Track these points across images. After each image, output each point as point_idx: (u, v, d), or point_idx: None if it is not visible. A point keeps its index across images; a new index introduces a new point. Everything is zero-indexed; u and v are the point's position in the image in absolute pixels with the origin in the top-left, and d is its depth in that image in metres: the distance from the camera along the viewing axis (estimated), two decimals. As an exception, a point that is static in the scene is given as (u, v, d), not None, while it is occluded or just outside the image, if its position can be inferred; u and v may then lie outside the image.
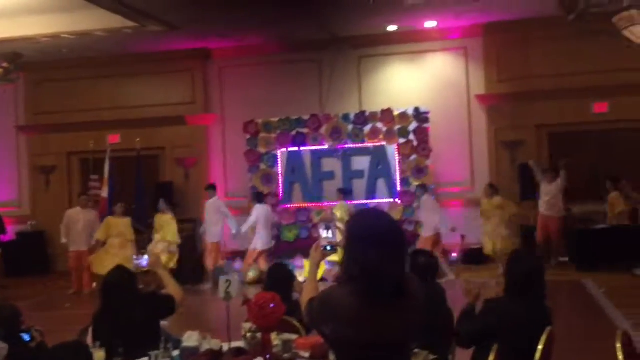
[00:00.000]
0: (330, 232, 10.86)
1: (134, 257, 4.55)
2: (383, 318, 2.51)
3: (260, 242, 11.88)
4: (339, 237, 10.49)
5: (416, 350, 3.71)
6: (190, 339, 4.05)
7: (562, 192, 11.85)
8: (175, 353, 3.91)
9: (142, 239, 12.04)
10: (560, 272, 11.37)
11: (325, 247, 3.25)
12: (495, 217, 11.43)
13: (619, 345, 3.65)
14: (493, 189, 11.66)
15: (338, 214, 11.73)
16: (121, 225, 11.69)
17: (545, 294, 4.09)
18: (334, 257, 10.09)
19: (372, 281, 2.49)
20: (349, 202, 12.09)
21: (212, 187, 12.47)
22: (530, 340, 3.79)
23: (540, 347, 3.76)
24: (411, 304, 2.59)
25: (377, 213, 2.74)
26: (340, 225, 11.41)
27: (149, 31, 11.83)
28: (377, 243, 2.51)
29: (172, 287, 4.67)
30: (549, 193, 11.84)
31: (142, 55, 13.86)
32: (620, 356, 3.61)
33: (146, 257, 4.14)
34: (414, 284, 2.65)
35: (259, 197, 12.20)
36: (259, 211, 11.98)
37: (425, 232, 11.45)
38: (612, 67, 12.21)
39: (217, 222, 12.10)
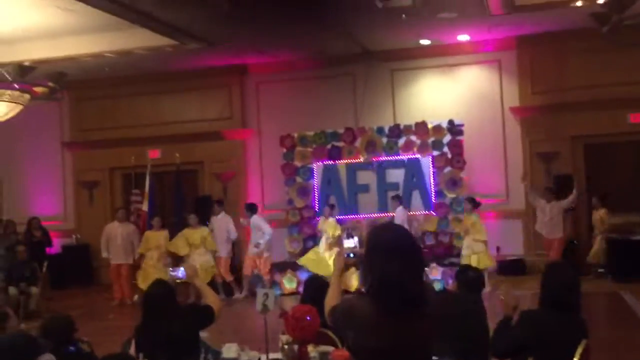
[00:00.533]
0: (352, 240, 10.93)
1: (170, 268, 4.69)
2: (402, 328, 2.64)
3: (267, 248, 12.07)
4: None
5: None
6: (229, 350, 4.18)
7: (564, 212, 11.64)
8: (215, 364, 4.05)
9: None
10: (598, 283, 11.32)
11: (348, 255, 3.40)
12: (471, 233, 11.38)
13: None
14: (473, 204, 11.61)
15: (330, 231, 11.92)
16: (159, 238, 12.04)
17: (580, 306, 4.09)
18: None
19: (390, 292, 2.61)
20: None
21: (219, 203, 12.74)
22: (566, 353, 3.80)
23: (575, 359, 3.79)
24: (429, 313, 2.71)
25: (394, 226, 2.94)
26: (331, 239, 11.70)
27: (188, 49, 12.15)
28: (395, 255, 2.64)
29: (210, 297, 4.75)
30: (549, 213, 11.62)
31: (181, 72, 14.19)
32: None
33: (182, 268, 4.25)
34: (431, 295, 2.79)
35: (254, 209, 12.27)
36: (263, 221, 12.19)
37: None
38: (648, 77, 12.15)
39: (228, 239, 12.29)
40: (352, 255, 3.36)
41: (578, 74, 12.70)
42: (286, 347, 4.19)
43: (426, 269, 10.93)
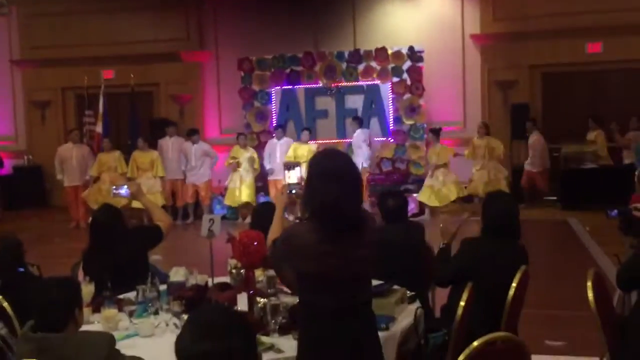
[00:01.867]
0: (293, 173, 10.86)
1: (113, 187, 4.58)
2: (342, 252, 2.71)
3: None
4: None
5: (395, 287, 3.85)
6: (177, 273, 4.16)
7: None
8: (162, 288, 4.02)
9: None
10: (547, 211, 11.60)
11: (290, 191, 3.39)
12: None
13: (589, 284, 3.80)
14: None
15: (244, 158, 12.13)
16: (111, 159, 11.97)
17: (520, 233, 4.18)
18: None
19: (331, 216, 2.68)
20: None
21: (173, 125, 12.84)
22: (504, 279, 3.89)
23: (513, 284, 3.89)
24: (367, 239, 2.79)
25: (334, 152, 2.95)
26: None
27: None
28: (335, 180, 2.70)
29: (158, 215, 4.74)
30: None
31: (137, -11, 13.75)
32: (590, 294, 3.76)
33: (125, 186, 4.20)
34: (370, 220, 2.86)
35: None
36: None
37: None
38: (606, 8, 12.16)
39: (181, 162, 12.38)
40: (294, 190, 3.31)
41: (538, 2, 12.69)
42: (234, 271, 4.21)
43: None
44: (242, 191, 11.85)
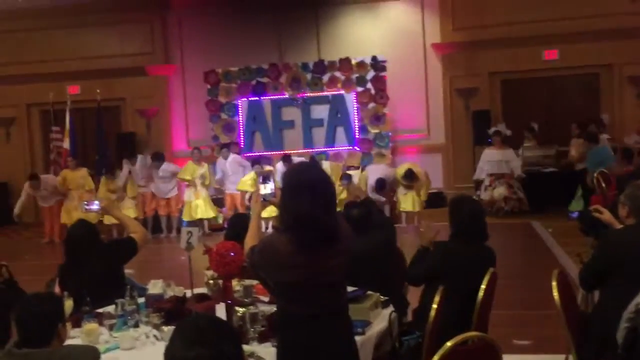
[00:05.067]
0: (269, 185, 10.92)
1: (85, 202, 4.58)
2: (315, 263, 2.79)
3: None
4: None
5: (369, 293, 3.96)
6: (155, 286, 4.22)
7: None
8: (141, 300, 4.05)
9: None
10: (512, 214, 11.82)
11: (264, 199, 3.47)
12: None
13: (554, 283, 3.94)
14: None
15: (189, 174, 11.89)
16: (78, 177, 11.88)
17: (487, 235, 4.29)
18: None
19: (306, 229, 2.76)
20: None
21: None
22: (474, 280, 4.01)
23: (483, 286, 4.00)
24: (342, 248, 2.87)
25: (308, 166, 3.07)
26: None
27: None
28: (309, 193, 2.76)
29: (132, 227, 4.77)
30: None
31: (100, 4, 13.69)
32: (555, 293, 3.91)
33: (97, 201, 4.23)
34: (344, 229, 2.93)
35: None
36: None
37: None
38: (562, 15, 12.53)
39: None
40: (267, 199, 3.38)
41: (497, 11, 12.98)
42: (211, 282, 4.27)
43: None
44: (198, 206, 11.83)
